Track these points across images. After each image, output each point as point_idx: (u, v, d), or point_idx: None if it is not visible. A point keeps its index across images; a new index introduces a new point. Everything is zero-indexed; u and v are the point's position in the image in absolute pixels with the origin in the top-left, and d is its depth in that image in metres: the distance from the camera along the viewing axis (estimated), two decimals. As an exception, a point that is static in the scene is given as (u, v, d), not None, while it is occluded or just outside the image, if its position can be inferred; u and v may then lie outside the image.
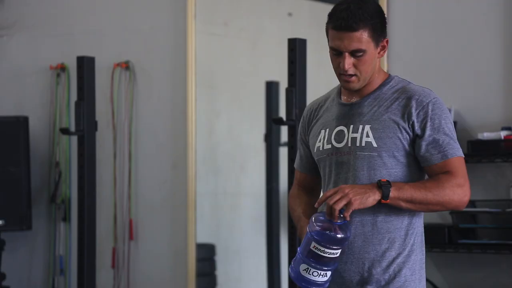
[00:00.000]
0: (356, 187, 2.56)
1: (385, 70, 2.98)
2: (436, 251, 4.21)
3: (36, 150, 5.48)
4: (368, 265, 2.62)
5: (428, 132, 2.62)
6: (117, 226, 5.30)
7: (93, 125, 4.92)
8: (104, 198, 5.29)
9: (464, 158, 2.67)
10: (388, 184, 2.56)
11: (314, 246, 2.54)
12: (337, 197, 2.53)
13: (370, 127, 2.61)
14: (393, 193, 2.56)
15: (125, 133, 5.32)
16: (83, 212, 4.87)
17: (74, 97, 5.07)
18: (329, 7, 2.74)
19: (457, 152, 2.64)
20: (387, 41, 2.70)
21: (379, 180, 2.57)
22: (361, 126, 2.65)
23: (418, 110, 2.63)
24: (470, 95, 4.38)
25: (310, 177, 2.88)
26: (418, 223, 2.69)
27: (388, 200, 2.55)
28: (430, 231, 4.09)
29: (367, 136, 2.64)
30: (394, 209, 2.62)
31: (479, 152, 4.17)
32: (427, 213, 2.73)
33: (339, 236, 2.54)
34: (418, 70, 4.33)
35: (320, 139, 2.74)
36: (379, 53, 2.68)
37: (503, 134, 4.18)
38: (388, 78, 2.73)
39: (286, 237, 4.47)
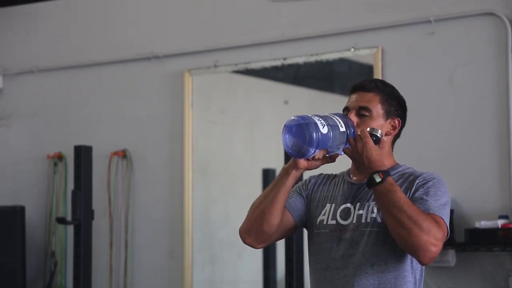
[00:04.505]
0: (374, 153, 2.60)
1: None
2: None
3: (32, 239, 5.46)
4: None
5: (419, 193, 2.61)
6: (113, 316, 5.25)
7: (90, 214, 4.91)
8: (100, 288, 5.26)
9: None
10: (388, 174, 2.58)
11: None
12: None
13: (375, 203, 2.61)
14: (390, 179, 2.55)
15: (121, 221, 5.30)
16: (79, 303, 4.83)
17: (71, 185, 5.07)
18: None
19: (442, 217, 2.58)
20: (399, 122, 2.72)
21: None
22: (367, 203, 2.65)
23: (419, 181, 2.63)
24: (467, 183, 4.39)
25: (286, 213, 2.74)
26: None
27: (382, 181, 2.54)
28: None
29: (372, 212, 2.63)
30: (399, 277, 2.60)
31: (476, 240, 4.16)
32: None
33: (348, 120, 2.62)
34: (414, 159, 4.33)
35: (325, 213, 2.73)
36: (388, 131, 2.70)
37: (500, 222, 4.17)
38: (397, 164, 2.74)
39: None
